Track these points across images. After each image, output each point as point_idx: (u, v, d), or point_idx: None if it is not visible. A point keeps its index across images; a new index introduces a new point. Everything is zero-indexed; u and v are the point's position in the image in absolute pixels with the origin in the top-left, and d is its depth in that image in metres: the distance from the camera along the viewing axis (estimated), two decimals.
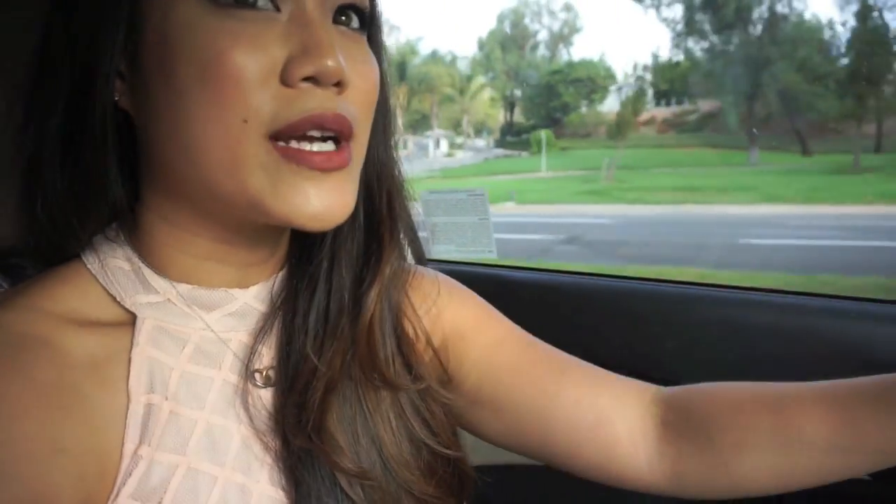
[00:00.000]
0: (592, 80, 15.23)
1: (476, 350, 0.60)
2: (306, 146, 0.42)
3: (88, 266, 0.46)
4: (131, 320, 0.46)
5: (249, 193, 0.42)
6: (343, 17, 0.45)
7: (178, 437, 0.44)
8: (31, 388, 0.39)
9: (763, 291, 0.97)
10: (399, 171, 0.54)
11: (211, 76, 0.39)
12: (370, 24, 0.48)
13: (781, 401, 0.51)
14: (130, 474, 0.41)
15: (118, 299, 0.46)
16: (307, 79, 0.41)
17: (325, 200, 0.42)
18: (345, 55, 0.42)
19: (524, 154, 15.20)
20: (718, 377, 0.90)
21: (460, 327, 0.61)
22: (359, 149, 0.46)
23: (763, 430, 0.51)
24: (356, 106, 0.44)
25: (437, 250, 1.33)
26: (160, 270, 0.47)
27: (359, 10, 0.46)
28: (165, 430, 0.44)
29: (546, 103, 15.86)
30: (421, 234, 1.36)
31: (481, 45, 17.23)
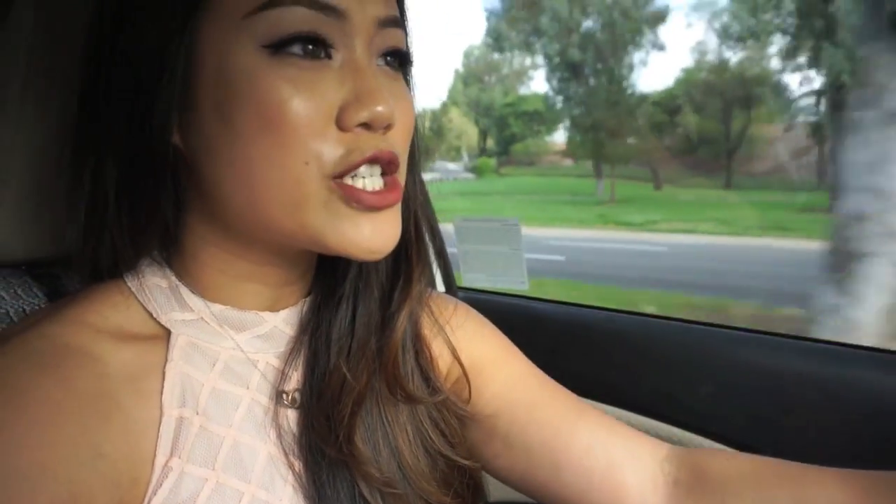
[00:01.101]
0: (538, 113, 16.16)
1: (495, 384, 0.61)
2: (360, 183, 0.44)
3: (128, 283, 0.48)
4: (166, 336, 0.47)
5: (309, 230, 0.44)
6: (388, 59, 0.47)
7: (207, 451, 0.45)
8: (73, 395, 0.41)
9: (802, 340, 0.93)
10: (425, 196, 0.55)
11: (273, 123, 0.41)
12: (405, 62, 0.50)
13: (802, 478, 0.52)
14: (161, 485, 0.43)
15: (154, 315, 0.47)
16: (361, 124, 0.43)
17: (379, 235, 0.45)
18: (389, 94, 0.44)
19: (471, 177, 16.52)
20: (752, 426, 0.87)
21: (480, 359, 0.61)
22: (401, 179, 0.48)
23: (780, 503, 0.51)
24: (399, 141, 0.47)
25: (468, 278, 1.32)
26: (197, 290, 0.49)
27: (399, 52, 0.48)
28: (195, 444, 0.45)
29: (500, 133, 17.05)
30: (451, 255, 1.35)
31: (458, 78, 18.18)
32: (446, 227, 1.30)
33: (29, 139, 0.56)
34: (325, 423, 0.49)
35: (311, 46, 0.42)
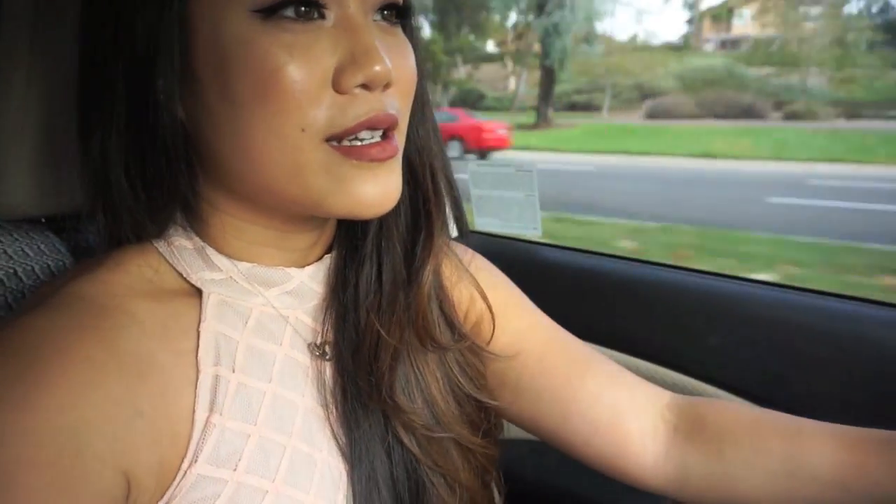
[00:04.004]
0: None
1: (506, 334, 0.62)
2: (357, 143, 0.44)
3: (156, 244, 0.49)
4: (197, 295, 0.48)
5: (313, 194, 0.44)
6: (384, 13, 0.46)
7: (248, 407, 0.46)
8: (113, 355, 0.41)
9: (815, 293, 0.93)
10: (439, 145, 0.56)
11: (268, 91, 0.41)
12: (405, 14, 0.49)
13: (797, 431, 0.54)
14: (206, 441, 0.44)
15: (184, 275, 0.48)
16: (359, 85, 0.42)
17: (381, 188, 0.45)
18: (386, 51, 0.43)
19: None
20: (761, 380, 0.88)
21: (492, 308, 0.62)
22: (401, 136, 0.48)
23: (775, 454, 0.54)
24: (399, 98, 0.46)
25: (481, 223, 1.31)
26: (221, 251, 0.49)
27: (396, 6, 0.47)
28: (235, 401, 0.46)
29: None
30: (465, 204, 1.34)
31: None
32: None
33: (42, 94, 0.55)
34: (367, 380, 0.51)
35: (303, 8, 0.41)
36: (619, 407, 0.59)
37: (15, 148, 0.54)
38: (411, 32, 0.50)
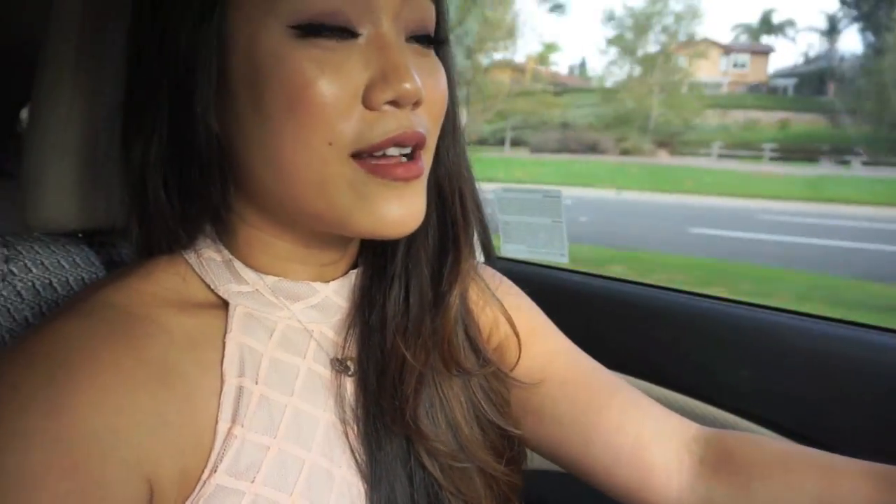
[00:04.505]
0: None
1: (528, 359, 0.61)
2: (384, 161, 0.44)
3: (185, 256, 0.49)
4: (224, 307, 0.48)
5: (337, 210, 0.44)
6: (417, 37, 0.47)
7: (269, 420, 0.46)
8: (141, 363, 0.42)
9: (853, 325, 0.91)
10: (469, 170, 0.56)
11: (298, 105, 0.41)
12: (438, 37, 0.49)
13: (829, 467, 0.52)
14: (226, 452, 0.44)
15: (212, 287, 0.48)
16: (388, 102, 0.43)
17: (405, 209, 0.45)
18: (417, 71, 0.44)
19: None
20: (794, 413, 0.86)
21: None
22: (428, 156, 0.48)
23: (806, 491, 0.52)
24: (428, 118, 0.47)
25: (508, 249, 1.31)
26: (248, 265, 0.50)
27: (428, 29, 0.48)
28: (256, 413, 0.46)
29: None
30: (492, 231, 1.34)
31: None
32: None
33: (85, 111, 0.56)
34: (391, 403, 0.51)
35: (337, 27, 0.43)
36: (642, 437, 0.58)
37: (57, 164, 0.56)
38: (445, 58, 0.51)
